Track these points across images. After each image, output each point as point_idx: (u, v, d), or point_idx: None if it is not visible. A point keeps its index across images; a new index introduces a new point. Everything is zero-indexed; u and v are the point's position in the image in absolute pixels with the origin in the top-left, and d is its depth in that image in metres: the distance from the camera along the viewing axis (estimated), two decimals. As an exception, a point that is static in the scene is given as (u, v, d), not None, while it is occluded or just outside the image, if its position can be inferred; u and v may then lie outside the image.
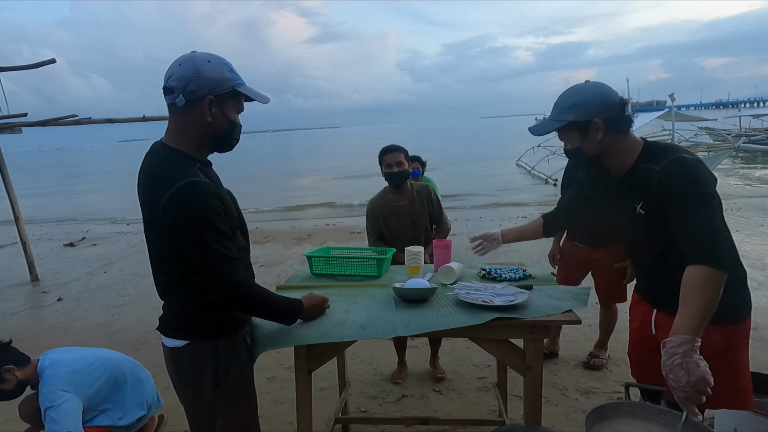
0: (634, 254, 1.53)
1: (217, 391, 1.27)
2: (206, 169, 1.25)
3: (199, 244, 1.14)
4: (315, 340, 1.36)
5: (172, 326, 1.28)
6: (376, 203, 2.60)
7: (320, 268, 1.98)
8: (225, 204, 1.21)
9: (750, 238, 5.60)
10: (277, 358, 3.01)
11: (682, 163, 1.21)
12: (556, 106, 1.37)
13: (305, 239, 6.94)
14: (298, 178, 18.82)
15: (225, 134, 1.24)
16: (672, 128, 12.31)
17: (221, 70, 1.18)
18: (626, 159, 1.35)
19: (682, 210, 1.19)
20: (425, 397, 2.56)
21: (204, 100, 1.17)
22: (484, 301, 1.47)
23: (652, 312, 1.46)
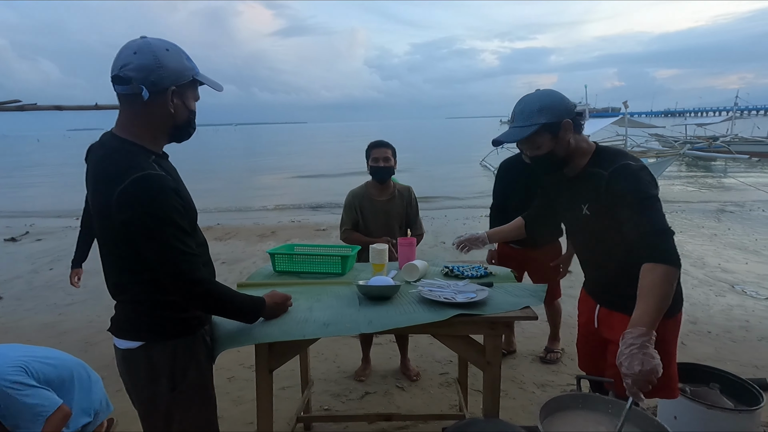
0: (581, 253, 1.60)
1: (174, 393, 1.22)
2: (162, 161, 1.19)
3: (157, 241, 1.09)
4: (277, 338, 1.34)
5: (126, 327, 1.21)
6: (357, 194, 2.61)
7: (283, 266, 1.94)
8: (183, 198, 1.17)
9: (692, 239, 6.01)
10: (238, 357, 2.93)
11: (628, 169, 1.28)
12: (521, 113, 1.38)
13: (269, 236, 6.80)
14: (262, 175, 18.30)
15: (184, 124, 1.21)
16: (625, 134, 13.00)
17: (181, 59, 1.15)
18: (580, 161, 1.41)
19: (632, 212, 1.25)
20: (388, 393, 2.58)
21: (167, 92, 1.13)
22: (446, 298, 1.50)
23: (596, 307, 1.54)
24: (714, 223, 6.99)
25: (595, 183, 1.34)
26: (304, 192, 12.90)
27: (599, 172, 1.34)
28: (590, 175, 1.37)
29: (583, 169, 1.41)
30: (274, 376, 1.51)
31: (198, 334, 1.27)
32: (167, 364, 1.21)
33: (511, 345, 3.02)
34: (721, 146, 15.50)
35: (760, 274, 4.49)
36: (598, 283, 1.55)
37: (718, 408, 1.81)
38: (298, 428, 2.16)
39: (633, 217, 1.26)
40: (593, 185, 1.35)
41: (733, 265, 4.81)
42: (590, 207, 1.39)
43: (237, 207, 10.70)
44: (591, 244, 1.49)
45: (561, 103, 1.36)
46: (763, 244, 5.64)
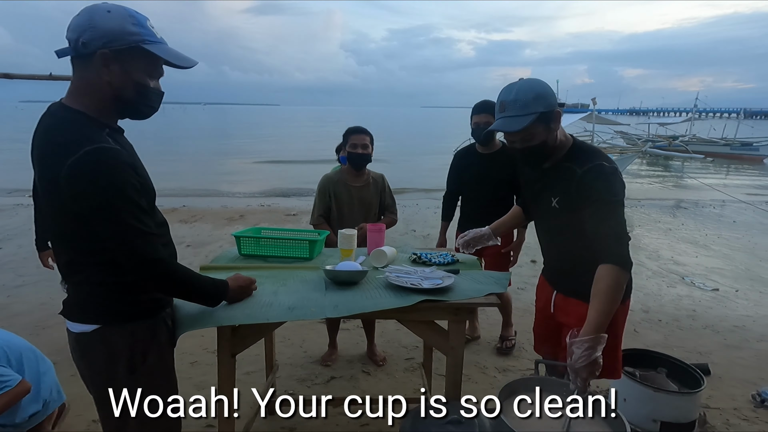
0: (543, 240, 1.64)
1: (133, 377, 1.17)
2: (117, 135, 1.12)
3: (111, 220, 1.03)
4: (240, 321, 1.31)
5: (79, 310, 1.15)
6: (331, 179, 2.57)
7: (249, 249, 1.90)
8: (141, 175, 1.10)
9: (649, 233, 6.31)
10: (202, 341, 2.88)
11: (601, 170, 1.31)
12: (514, 102, 1.33)
13: (237, 220, 6.64)
14: (232, 158, 17.71)
15: (131, 98, 1.10)
16: (593, 130, 13.42)
17: (123, 23, 1.04)
18: (559, 152, 1.42)
19: (596, 213, 1.30)
20: (354, 378, 2.60)
21: (96, 55, 1.03)
22: (412, 284, 1.51)
23: (553, 293, 1.61)
24: (670, 218, 7.37)
25: (568, 178, 1.36)
26: (275, 177, 12.63)
27: (573, 168, 1.35)
28: (564, 169, 1.39)
29: (558, 162, 1.42)
30: (238, 361, 1.49)
31: (159, 317, 1.23)
32: (125, 347, 1.16)
33: (476, 331, 3.10)
34: (679, 145, 16.29)
35: (708, 267, 4.78)
36: (556, 271, 1.62)
37: (663, 391, 1.93)
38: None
39: (596, 218, 1.29)
40: (565, 180, 1.37)
41: (685, 258, 5.10)
42: (559, 200, 1.42)
43: (204, 189, 10.37)
44: (554, 234, 1.54)
45: (551, 92, 1.36)
46: (712, 239, 6.00)
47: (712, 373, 2.64)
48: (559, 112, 1.35)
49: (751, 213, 7.68)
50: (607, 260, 1.26)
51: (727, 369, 2.74)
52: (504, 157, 2.61)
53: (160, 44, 1.10)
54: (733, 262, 5.00)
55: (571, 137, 1.44)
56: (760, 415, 2.30)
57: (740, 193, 9.58)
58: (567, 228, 1.43)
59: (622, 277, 1.25)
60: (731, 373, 2.70)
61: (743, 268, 4.80)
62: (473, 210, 2.72)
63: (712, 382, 2.54)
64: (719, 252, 5.38)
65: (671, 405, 1.93)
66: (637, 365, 2.13)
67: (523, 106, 1.32)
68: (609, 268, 1.25)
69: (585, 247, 1.34)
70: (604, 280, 1.25)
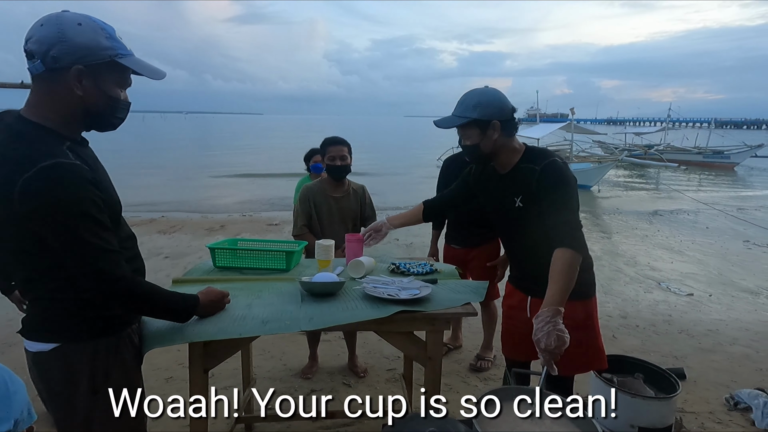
0: (511, 246, 1.71)
1: (95, 398, 1.12)
2: (78, 147, 1.08)
3: (68, 237, 0.99)
4: (212, 336, 1.27)
5: (37, 327, 1.10)
6: (312, 188, 2.56)
7: (225, 261, 1.86)
8: (103, 190, 1.06)
9: (626, 239, 6.46)
10: (177, 356, 2.79)
11: (556, 164, 1.44)
12: (460, 104, 1.50)
13: (218, 230, 6.54)
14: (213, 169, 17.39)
15: (102, 111, 1.08)
16: (572, 139, 13.74)
17: (95, 36, 1.02)
18: (511, 158, 1.54)
19: (553, 203, 1.41)
20: (334, 390, 2.56)
21: (70, 70, 1.00)
22: (389, 294, 1.50)
23: (527, 299, 1.64)
24: (646, 225, 7.56)
25: (528, 176, 1.47)
26: (257, 188, 12.44)
27: (531, 167, 1.47)
28: (523, 170, 1.50)
29: (515, 166, 1.53)
30: (216, 376, 1.45)
31: (122, 334, 1.18)
32: (87, 366, 1.11)
33: (458, 340, 3.09)
34: (654, 154, 16.81)
35: (682, 272, 4.90)
36: (526, 275, 1.66)
37: (640, 396, 1.95)
38: (238, 429, 2.09)
39: (553, 208, 1.41)
40: (526, 179, 1.48)
41: (661, 263, 5.23)
42: (523, 199, 1.50)
43: (183, 200, 10.17)
44: (521, 235, 1.60)
45: (497, 103, 1.48)
46: (686, 245, 6.17)
47: (687, 378, 2.69)
48: (498, 123, 1.46)
49: (723, 219, 7.93)
50: (561, 244, 1.36)
51: (702, 373, 2.80)
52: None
53: (131, 56, 1.08)
54: (706, 267, 5.15)
55: (524, 145, 1.56)
56: (733, 418, 2.35)
57: (712, 200, 9.90)
58: (533, 227, 1.50)
59: (575, 258, 1.35)
60: (705, 377, 2.75)
61: (716, 272, 4.94)
62: (458, 219, 2.72)
63: (687, 386, 2.59)
64: (693, 257, 5.53)
65: (648, 410, 1.95)
66: (615, 371, 2.15)
67: (464, 108, 1.48)
68: (563, 250, 1.35)
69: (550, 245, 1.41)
70: (559, 261, 1.34)
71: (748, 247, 6.07)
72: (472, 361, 2.88)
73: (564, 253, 1.35)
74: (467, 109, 1.47)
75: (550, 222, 1.40)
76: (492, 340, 2.92)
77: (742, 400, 2.41)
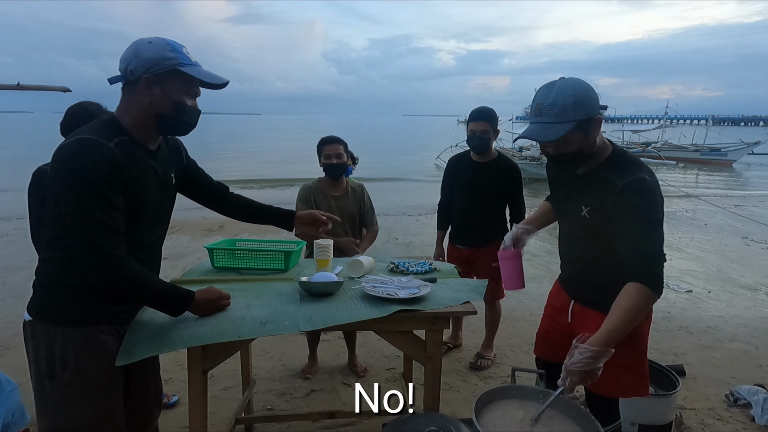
0: (565, 247, 1.54)
1: (53, 383, 1.17)
2: (135, 145, 1.20)
3: (74, 202, 1.08)
4: (209, 339, 1.26)
5: (31, 297, 1.23)
6: (311, 187, 2.55)
7: (223, 262, 1.86)
8: (131, 179, 1.16)
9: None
10: (176, 357, 2.77)
11: (644, 184, 1.23)
12: (552, 107, 1.21)
13: (216, 231, 6.52)
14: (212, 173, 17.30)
15: (170, 114, 1.22)
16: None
17: (161, 50, 1.18)
18: (596, 159, 1.33)
19: (635, 230, 1.22)
20: (334, 390, 2.56)
21: (141, 80, 1.17)
22: (388, 293, 1.49)
23: (570, 302, 1.53)
24: (644, 222, 7.55)
25: (605, 189, 1.27)
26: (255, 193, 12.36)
27: (612, 179, 1.26)
28: (601, 179, 1.30)
29: (594, 169, 1.33)
30: (215, 377, 1.44)
31: (87, 330, 1.19)
32: (45, 350, 1.18)
33: (458, 339, 3.09)
34: (652, 152, 16.81)
35: (681, 269, 4.91)
36: (575, 282, 1.53)
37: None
38: (238, 429, 2.08)
39: (634, 235, 1.22)
40: (602, 190, 1.28)
41: (660, 261, 5.22)
42: (591, 211, 1.33)
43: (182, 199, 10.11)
44: (578, 243, 1.45)
45: (593, 94, 1.24)
46: (685, 241, 6.17)
47: (687, 374, 2.70)
48: (600, 118, 1.25)
49: (721, 216, 7.94)
50: (639, 279, 1.19)
51: (701, 369, 2.80)
52: (499, 167, 2.58)
53: (194, 66, 1.22)
54: (705, 263, 5.15)
55: (611, 144, 1.34)
56: (733, 414, 2.35)
57: (710, 197, 9.92)
58: (593, 239, 1.36)
59: (650, 299, 1.20)
60: (705, 373, 2.75)
61: (715, 269, 4.95)
62: (463, 219, 2.70)
63: (687, 382, 2.59)
64: (692, 254, 5.54)
65: (649, 407, 1.96)
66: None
67: (561, 112, 1.20)
68: (639, 287, 1.19)
69: (611, 261, 1.28)
70: (630, 297, 1.19)
71: (747, 244, 6.08)
72: (472, 360, 2.86)
73: (640, 291, 1.18)
74: (566, 111, 1.20)
75: (629, 250, 1.23)
76: (493, 339, 2.92)
77: (742, 396, 2.41)
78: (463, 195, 2.67)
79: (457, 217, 2.75)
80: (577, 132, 1.22)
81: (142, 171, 1.21)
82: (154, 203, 1.27)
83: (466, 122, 2.62)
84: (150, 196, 1.24)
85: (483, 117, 2.52)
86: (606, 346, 1.18)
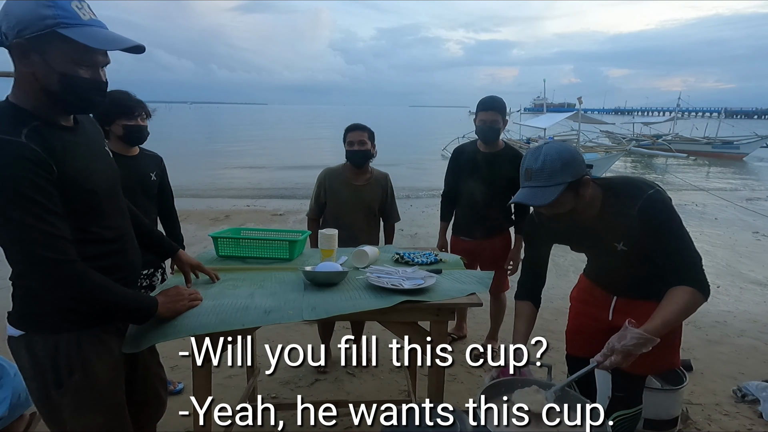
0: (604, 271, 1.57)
1: (61, 392, 1.10)
2: (52, 130, 1.01)
3: (5, 218, 0.94)
4: (214, 328, 1.27)
5: (12, 311, 1.10)
6: (332, 172, 2.52)
7: (228, 250, 1.85)
8: (63, 173, 0.99)
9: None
10: (181, 345, 2.76)
11: (653, 200, 1.29)
12: (541, 172, 1.25)
13: (222, 220, 6.55)
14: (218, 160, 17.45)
15: (57, 90, 0.98)
16: (579, 129, 13.57)
17: (36, 7, 0.92)
18: (594, 208, 1.37)
19: (668, 243, 1.30)
20: (339, 380, 2.57)
21: (11, 46, 0.94)
22: (393, 284, 1.48)
23: (612, 298, 1.55)
24: (653, 215, 7.46)
25: (623, 223, 1.33)
26: (264, 179, 12.38)
27: (624, 211, 1.32)
28: (613, 216, 1.34)
29: (599, 213, 1.37)
30: (220, 365, 1.44)
31: (92, 331, 1.13)
32: (49, 360, 1.08)
33: (462, 330, 3.08)
34: (663, 144, 16.58)
35: (690, 264, 4.85)
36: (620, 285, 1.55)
37: (647, 388, 1.93)
38: (242, 417, 2.10)
39: (669, 248, 1.30)
40: (622, 224, 1.33)
41: (668, 255, 5.16)
42: (626, 243, 1.37)
43: (189, 189, 10.18)
44: (622, 270, 1.48)
45: (578, 156, 1.29)
46: (694, 235, 5.98)
47: (694, 369, 2.67)
48: (588, 179, 1.29)
49: (732, 210, 7.82)
50: (688, 285, 1.27)
51: (709, 364, 2.77)
52: (506, 157, 2.54)
53: (81, 27, 0.95)
54: (714, 258, 5.08)
55: (596, 184, 1.36)
56: (740, 410, 2.33)
57: (721, 191, 9.77)
58: (639, 265, 1.41)
59: (699, 301, 1.26)
60: (712, 369, 2.73)
61: (724, 264, 4.88)
62: (468, 211, 2.66)
63: (694, 377, 2.57)
64: (701, 248, 5.35)
65: (655, 402, 1.94)
66: (621, 363, 2.13)
67: (550, 175, 1.24)
68: (690, 291, 1.26)
69: (655, 279, 1.34)
70: (682, 298, 1.25)
71: (758, 239, 5.99)
72: (476, 351, 2.86)
73: (691, 294, 1.25)
74: (555, 174, 1.24)
75: (670, 263, 1.31)
76: (498, 331, 2.90)
77: (750, 392, 2.38)
78: (468, 185, 2.63)
79: (461, 208, 2.72)
80: (568, 193, 1.27)
81: (71, 156, 1.02)
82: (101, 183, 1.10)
83: (475, 113, 2.58)
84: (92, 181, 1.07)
85: (493, 107, 2.48)
86: (657, 336, 1.21)
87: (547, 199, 1.24)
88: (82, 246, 1.06)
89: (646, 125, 22.68)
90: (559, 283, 4.02)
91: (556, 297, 3.59)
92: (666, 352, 1.52)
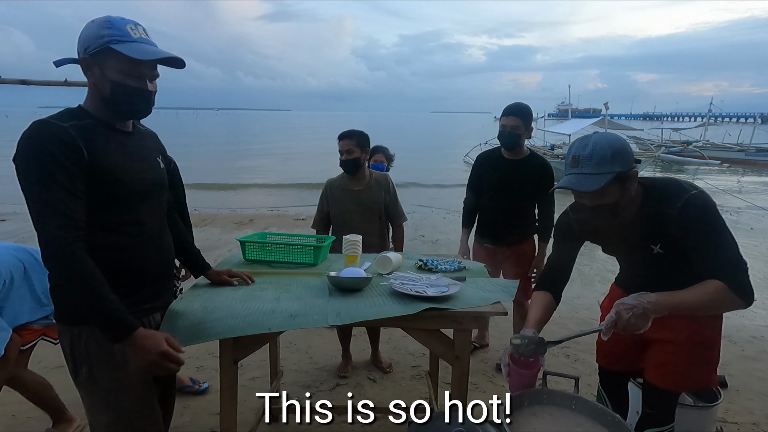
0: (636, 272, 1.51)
1: (77, 381, 1.19)
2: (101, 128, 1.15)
3: (27, 188, 1.05)
4: (241, 332, 1.29)
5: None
6: (332, 183, 2.58)
7: (254, 254, 1.89)
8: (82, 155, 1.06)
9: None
10: (207, 346, 2.86)
11: (695, 202, 1.24)
12: (589, 159, 1.21)
13: (246, 224, 6.69)
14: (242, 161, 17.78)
15: (110, 97, 1.14)
16: (604, 135, 13.26)
17: (98, 29, 1.11)
18: (634, 205, 1.32)
19: (708, 247, 1.23)
20: (359, 385, 2.57)
21: (80, 62, 1.13)
22: (417, 291, 1.48)
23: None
24: (684, 225, 7.20)
25: (662, 222, 1.28)
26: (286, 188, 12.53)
27: (664, 211, 1.26)
28: (653, 215, 1.29)
29: (639, 210, 1.32)
30: (244, 366, 1.48)
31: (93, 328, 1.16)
32: (68, 350, 1.18)
33: (484, 339, 3.04)
34: (694, 151, 16.00)
35: (724, 276, 4.65)
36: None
37: (679, 404, 1.86)
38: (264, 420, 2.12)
39: (710, 251, 1.23)
40: (660, 225, 1.28)
41: (700, 266, 4.97)
42: (663, 245, 1.32)
43: (215, 195, 10.43)
44: (656, 277, 1.40)
45: (629, 149, 1.26)
46: (728, 246, 5.84)
47: (729, 386, 2.56)
48: (636, 171, 1.25)
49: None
50: (722, 280, 1.20)
51: (745, 381, 2.65)
52: (530, 164, 2.51)
53: (130, 43, 1.11)
54: (751, 270, 4.84)
55: (639, 182, 1.32)
56: (780, 431, 2.22)
57: (757, 200, 9.36)
58: (677, 269, 1.35)
59: (732, 301, 1.20)
60: (749, 386, 2.61)
61: (761, 276, 4.67)
62: (492, 217, 2.63)
63: (729, 395, 2.46)
64: (736, 260, 5.24)
65: (687, 419, 1.86)
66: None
67: (599, 163, 1.20)
68: (721, 285, 1.19)
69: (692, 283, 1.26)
70: (708, 288, 1.20)
71: (797, 250, 5.71)
72: (498, 361, 2.82)
73: (725, 288, 1.19)
74: (604, 163, 1.19)
75: (710, 267, 1.23)
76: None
77: (790, 412, 2.27)
78: (491, 192, 2.61)
79: (484, 215, 2.70)
80: (615, 184, 1.22)
81: (111, 150, 1.13)
82: (136, 181, 1.17)
83: (499, 117, 2.56)
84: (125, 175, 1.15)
85: (514, 112, 2.45)
86: (665, 310, 1.17)
87: (595, 185, 1.19)
88: (101, 233, 1.13)
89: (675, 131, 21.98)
90: (584, 292, 3.93)
91: (581, 307, 3.51)
92: (702, 369, 1.44)
